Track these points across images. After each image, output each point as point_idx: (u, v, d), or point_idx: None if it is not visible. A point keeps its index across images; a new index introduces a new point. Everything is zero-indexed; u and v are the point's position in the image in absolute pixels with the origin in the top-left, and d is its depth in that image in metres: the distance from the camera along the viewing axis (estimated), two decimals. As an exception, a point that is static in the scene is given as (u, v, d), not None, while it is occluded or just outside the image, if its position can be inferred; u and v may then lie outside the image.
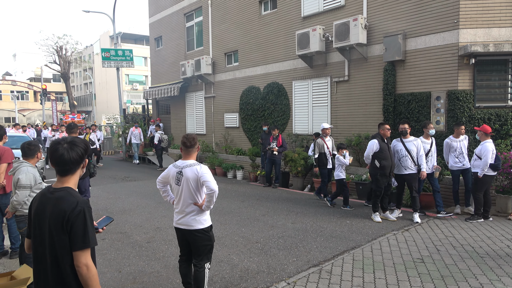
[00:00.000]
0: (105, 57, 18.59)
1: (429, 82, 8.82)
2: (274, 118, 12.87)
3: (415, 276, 4.57)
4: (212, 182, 3.67)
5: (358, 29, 9.57)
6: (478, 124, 8.12)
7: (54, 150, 2.17)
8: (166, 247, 5.81)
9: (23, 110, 49.06)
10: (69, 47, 37.36)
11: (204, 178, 3.68)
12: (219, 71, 15.36)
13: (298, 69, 11.97)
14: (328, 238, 6.08)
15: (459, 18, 8.23)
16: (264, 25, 13.13)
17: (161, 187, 4.05)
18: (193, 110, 17.10)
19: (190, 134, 3.90)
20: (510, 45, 8.00)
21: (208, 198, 3.71)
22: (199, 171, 3.71)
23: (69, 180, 2.22)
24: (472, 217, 7.01)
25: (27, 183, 4.49)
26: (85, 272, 2.09)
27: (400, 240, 5.93)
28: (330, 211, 7.89)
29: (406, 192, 7.94)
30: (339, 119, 10.85)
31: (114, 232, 6.65)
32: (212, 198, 3.70)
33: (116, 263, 5.21)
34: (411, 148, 7.09)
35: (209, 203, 3.73)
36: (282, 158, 11.02)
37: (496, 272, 4.63)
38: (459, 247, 5.58)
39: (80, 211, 2.09)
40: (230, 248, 5.72)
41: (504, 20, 8.20)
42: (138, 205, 8.77)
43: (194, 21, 16.85)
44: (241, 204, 8.78)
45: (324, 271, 4.76)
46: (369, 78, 10.00)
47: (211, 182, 3.66)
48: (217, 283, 4.48)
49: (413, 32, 9.05)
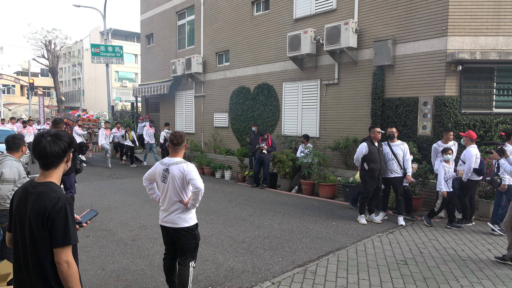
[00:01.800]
0: (95, 52, 18.42)
1: (417, 87, 8.94)
2: (263, 119, 12.90)
3: (398, 277, 4.63)
4: (198, 180, 3.65)
5: (349, 33, 9.66)
6: (463, 130, 8.27)
7: (37, 142, 2.13)
8: (151, 245, 5.77)
9: (9, 104, 48.18)
10: (58, 42, 36.91)
11: (190, 176, 3.66)
12: (209, 71, 15.33)
13: (289, 71, 12.02)
14: (313, 239, 6.11)
15: (448, 25, 8.37)
16: (256, 26, 13.15)
17: (147, 184, 4.01)
18: (183, 109, 17.03)
19: (178, 132, 3.87)
20: (496, 54, 8.17)
21: (193, 196, 3.69)
22: (185, 169, 3.70)
23: (52, 175, 2.18)
24: (460, 221, 7.11)
25: (11, 177, 4.41)
26: (65, 269, 2.05)
27: (384, 242, 6.00)
28: (317, 213, 7.93)
29: (392, 195, 8.03)
30: (328, 122, 10.93)
31: (98, 229, 6.58)
32: (197, 197, 3.68)
33: (99, 260, 5.16)
34: (398, 152, 7.17)
35: (195, 201, 3.71)
36: (270, 159, 11.05)
37: (477, 275, 4.71)
38: (441, 250, 5.67)
39: (61, 208, 2.05)
40: (216, 247, 5.71)
41: (490, 29, 8.37)
42: (124, 202, 8.69)
43: (186, 20, 16.79)
44: (228, 204, 8.77)
45: (308, 272, 4.78)
46: (359, 82, 10.10)
47: (197, 180, 3.65)
48: (201, 282, 4.47)
49: (403, 37, 9.17)
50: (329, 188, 9.70)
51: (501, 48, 8.35)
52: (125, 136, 15.35)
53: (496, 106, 8.67)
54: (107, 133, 15.04)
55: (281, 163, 10.81)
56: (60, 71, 51.39)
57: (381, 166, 7.04)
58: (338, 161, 10.57)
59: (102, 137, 14.93)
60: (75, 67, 50.37)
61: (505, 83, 8.66)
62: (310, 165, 10.07)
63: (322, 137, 11.11)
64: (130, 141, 15.42)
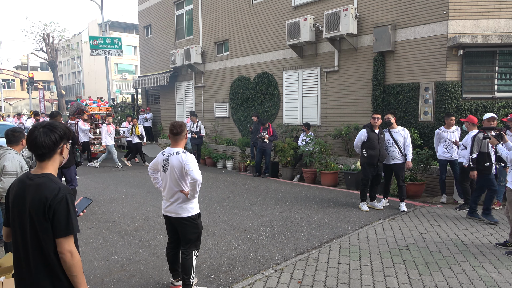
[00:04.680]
0: (93, 45, 18.31)
1: (417, 73, 8.87)
2: (264, 108, 12.85)
3: (400, 263, 4.65)
4: (194, 171, 3.64)
5: (349, 19, 9.56)
6: (465, 115, 8.22)
7: (30, 133, 2.14)
8: (154, 235, 5.81)
9: (10, 99, 48.19)
10: (57, 35, 36.73)
11: (188, 167, 3.66)
12: (209, 61, 15.24)
13: (289, 59, 11.94)
14: (315, 227, 6.14)
15: (449, 9, 8.27)
16: (255, 14, 13.03)
17: (152, 174, 4.08)
18: (183, 99, 16.98)
19: (178, 121, 3.83)
20: (497, 37, 8.08)
21: (191, 187, 3.70)
22: (184, 159, 3.70)
23: (48, 166, 2.17)
24: (462, 206, 7.12)
25: (13, 170, 4.42)
26: (69, 259, 2.06)
27: (386, 229, 6.01)
28: (319, 201, 7.95)
29: (393, 181, 8.03)
30: (329, 110, 10.88)
31: (102, 221, 6.62)
32: (195, 187, 3.68)
33: (103, 251, 5.20)
34: (398, 138, 7.14)
35: (193, 191, 3.72)
36: (272, 148, 11.04)
37: (479, 259, 4.73)
38: (443, 235, 5.69)
39: (62, 198, 2.05)
40: (219, 236, 5.74)
41: (492, 12, 8.26)
42: (126, 194, 8.72)
43: (184, 10, 16.64)
44: (230, 193, 8.80)
45: (311, 259, 4.81)
46: (359, 69, 10.03)
47: (193, 171, 3.64)
48: (204, 271, 4.50)
49: (403, 23, 9.07)
50: (331, 176, 9.70)
51: (502, 31, 8.25)
52: (131, 131, 13.25)
53: (498, 90, 8.60)
54: (109, 129, 12.92)
55: (282, 152, 10.81)
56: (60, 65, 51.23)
57: (381, 153, 7.00)
58: (340, 149, 10.55)
59: (106, 135, 12.81)
60: (75, 60, 50.18)
61: (507, 67, 8.57)
62: (312, 153, 10.07)
63: (323, 125, 11.08)
64: (137, 136, 13.23)
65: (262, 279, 4.25)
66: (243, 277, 4.33)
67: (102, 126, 13.18)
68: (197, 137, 12.92)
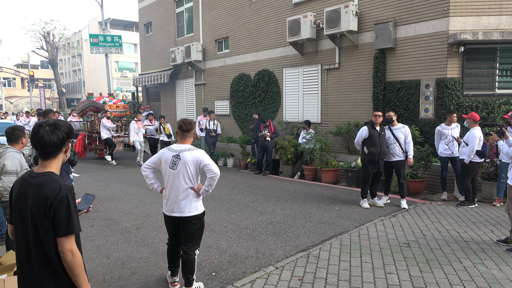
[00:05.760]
0: (94, 43, 18.30)
1: (418, 70, 8.86)
2: (264, 106, 12.85)
3: (401, 260, 4.66)
4: (213, 165, 3.71)
5: (349, 16, 9.53)
6: (466, 112, 8.21)
7: (35, 132, 2.12)
8: (155, 233, 5.82)
9: (10, 97, 48.22)
10: (57, 33, 36.72)
11: (205, 162, 3.70)
12: (209, 58, 15.22)
13: (289, 56, 11.92)
14: (316, 224, 6.14)
15: (449, 6, 8.24)
16: (255, 11, 13.00)
17: (148, 174, 3.90)
18: (183, 97, 16.97)
19: (187, 119, 3.89)
20: (498, 34, 8.05)
21: (210, 182, 3.74)
22: (199, 155, 3.73)
23: (51, 165, 2.17)
24: (463, 203, 7.13)
25: (14, 169, 4.42)
26: (70, 258, 2.07)
27: (387, 226, 6.02)
28: (319, 198, 7.96)
29: (394, 179, 8.03)
30: (329, 107, 10.87)
31: (103, 218, 6.63)
32: (214, 182, 3.74)
33: (104, 249, 5.21)
34: (399, 135, 7.14)
35: (210, 187, 3.76)
36: (273, 146, 11.03)
37: (480, 256, 4.73)
38: (444, 232, 5.69)
39: (63, 197, 2.05)
40: (219, 234, 5.75)
41: (493, 8, 8.23)
42: (127, 192, 8.73)
43: (184, 7, 16.61)
44: (231, 191, 8.81)
45: (312, 256, 4.82)
46: (360, 66, 10.01)
47: (212, 165, 3.70)
48: (205, 268, 4.51)
49: (404, 19, 9.04)
50: (332, 173, 9.70)
51: (504, 27, 8.23)
52: (159, 130, 12.92)
53: (498, 87, 8.58)
54: (139, 126, 12.53)
55: (283, 149, 10.81)
56: (60, 63, 51.21)
57: (381, 150, 7.00)
58: (340, 146, 10.55)
59: (134, 132, 12.41)
60: (75, 58, 50.12)
61: (508, 64, 8.55)
62: (312, 150, 10.07)
63: (323, 122, 11.07)
64: (166, 135, 12.78)
65: (263, 277, 4.26)
66: (244, 274, 4.34)
67: (131, 123, 12.76)
68: (215, 135, 12.55)
